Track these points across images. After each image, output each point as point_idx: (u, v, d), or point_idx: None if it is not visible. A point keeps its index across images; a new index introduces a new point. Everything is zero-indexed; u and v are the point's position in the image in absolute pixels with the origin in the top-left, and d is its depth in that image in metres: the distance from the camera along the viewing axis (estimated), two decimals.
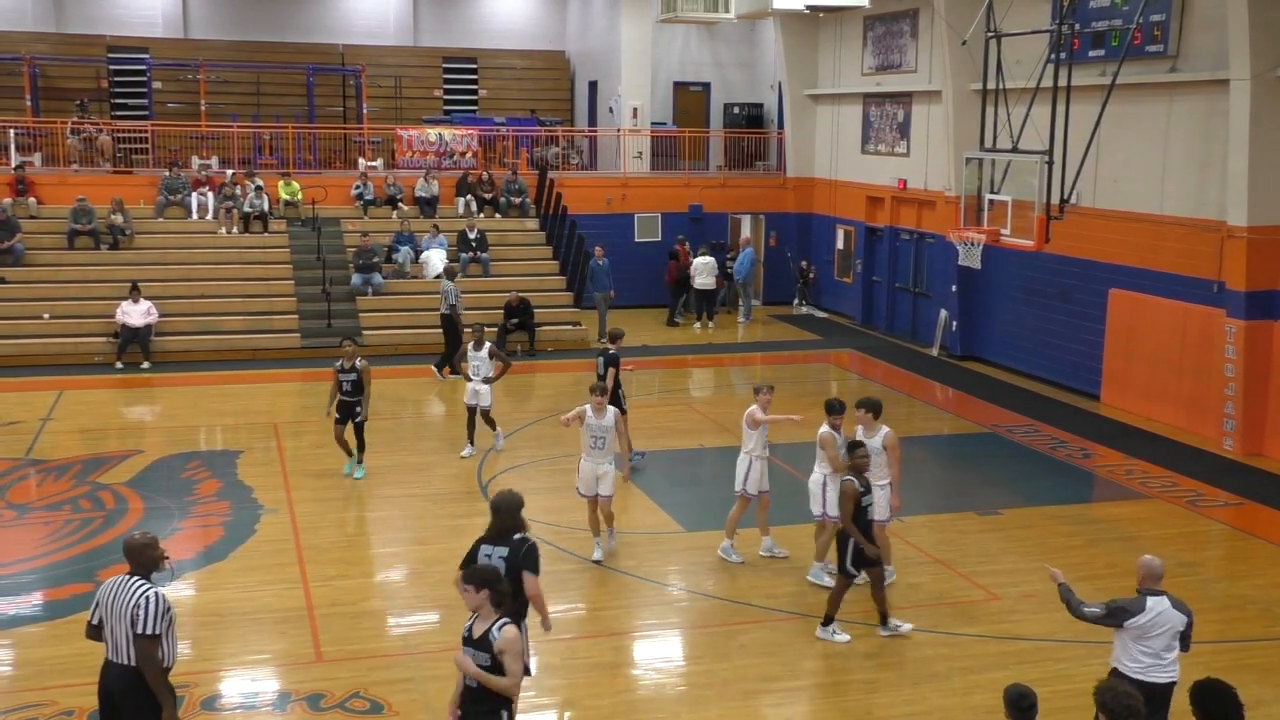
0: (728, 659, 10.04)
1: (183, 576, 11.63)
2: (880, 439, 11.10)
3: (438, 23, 34.43)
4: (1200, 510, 14.16)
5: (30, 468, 15.18)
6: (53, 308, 21.72)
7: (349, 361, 14.66)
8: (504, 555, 8.18)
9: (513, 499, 8.37)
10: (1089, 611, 7.74)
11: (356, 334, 16.67)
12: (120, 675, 7.07)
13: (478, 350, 15.86)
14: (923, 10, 23.58)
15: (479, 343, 15.89)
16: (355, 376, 14.59)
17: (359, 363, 14.67)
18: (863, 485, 10.21)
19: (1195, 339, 17.44)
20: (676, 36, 31.69)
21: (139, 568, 7.17)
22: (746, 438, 12.06)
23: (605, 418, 11.83)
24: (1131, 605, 7.64)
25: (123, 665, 7.06)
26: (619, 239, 26.65)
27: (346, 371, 14.66)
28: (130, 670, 7.04)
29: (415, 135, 27.50)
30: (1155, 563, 7.79)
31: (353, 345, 14.84)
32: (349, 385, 14.64)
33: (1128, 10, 18.24)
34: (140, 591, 7.03)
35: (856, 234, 26.86)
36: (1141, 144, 18.41)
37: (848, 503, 10.08)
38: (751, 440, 11.99)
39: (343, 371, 14.69)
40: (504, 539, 8.26)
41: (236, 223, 24.09)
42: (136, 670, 7.03)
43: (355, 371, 14.60)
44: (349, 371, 14.64)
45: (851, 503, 10.08)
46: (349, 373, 14.63)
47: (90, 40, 30.97)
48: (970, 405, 19.49)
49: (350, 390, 14.65)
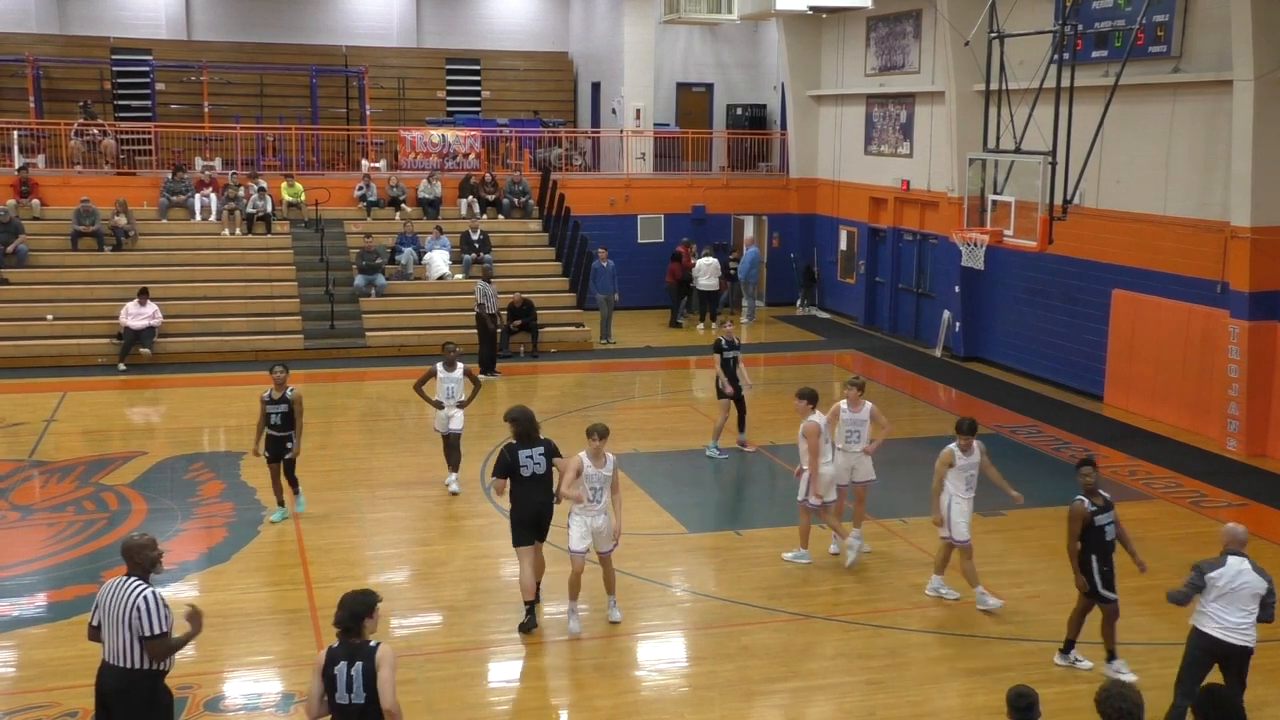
0: (731, 660, 10.04)
1: (186, 578, 11.65)
2: (867, 411, 12.29)
3: (441, 24, 34.44)
4: (1204, 511, 14.14)
5: (34, 469, 15.20)
6: (56, 309, 21.74)
7: (278, 390, 12.92)
8: (543, 453, 10.17)
9: (526, 410, 10.34)
10: (1182, 591, 8.32)
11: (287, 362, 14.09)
12: (115, 677, 7.04)
13: (450, 371, 14.28)
14: (925, 11, 23.58)
15: (451, 363, 14.30)
16: (286, 407, 12.90)
17: (290, 391, 12.96)
18: (1095, 505, 9.51)
19: (1198, 340, 17.42)
20: (679, 37, 31.69)
21: (136, 568, 7.13)
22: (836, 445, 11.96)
23: (605, 466, 10.31)
24: (1214, 562, 8.25)
25: (118, 668, 7.03)
26: (622, 240, 26.66)
27: (275, 402, 12.91)
28: (125, 673, 7.01)
29: (418, 136, 27.51)
30: (1239, 529, 8.41)
31: (283, 371, 13.11)
32: (278, 418, 12.91)
33: (1130, 11, 18.22)
34: (138, 593, 6.99)
35: (859, 235, 26.85)
36: (1145, 144, 18.39)
37: (1076, 523, 9.45)
38: (947, 481, 11.06)
39: (270, 402, 12.92)
40: (535, 441, 10.17)
41: (240, 224, 24.10)
42: (131, 672, 7.00)
43: (286, 402, 12.91)
44: (278, 402, 12.90)
45: (1080, 523, 9.44)
46: (278, 404, 12.90)
47: (93, 42, 30.99)
48: (973, 406, 19.46)
49: (280, 424, 12.92)
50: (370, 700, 6.50)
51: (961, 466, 10.96)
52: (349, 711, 6.51)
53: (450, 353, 14.39)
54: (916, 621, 10.80)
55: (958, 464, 10.96)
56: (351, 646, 6.57)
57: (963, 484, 11.00)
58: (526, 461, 10.10)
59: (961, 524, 10.98)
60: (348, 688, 6.49)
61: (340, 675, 6.50)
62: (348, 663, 6.51)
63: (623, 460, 15.29)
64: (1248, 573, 8.18)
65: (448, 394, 14.22)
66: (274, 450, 13.03)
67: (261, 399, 13.04)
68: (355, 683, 6.49)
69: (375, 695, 6.52)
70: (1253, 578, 8.18)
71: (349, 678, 6.49)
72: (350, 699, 6.49)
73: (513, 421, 10.24)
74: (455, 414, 14.24)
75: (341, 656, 6.54)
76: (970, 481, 11.02)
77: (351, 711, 6.51)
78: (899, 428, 18.44)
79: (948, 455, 11.02)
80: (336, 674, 6.50)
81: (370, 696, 6.51)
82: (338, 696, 6.49)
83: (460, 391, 14.30)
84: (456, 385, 14.27)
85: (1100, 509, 9.53)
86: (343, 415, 18.60)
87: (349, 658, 6.53)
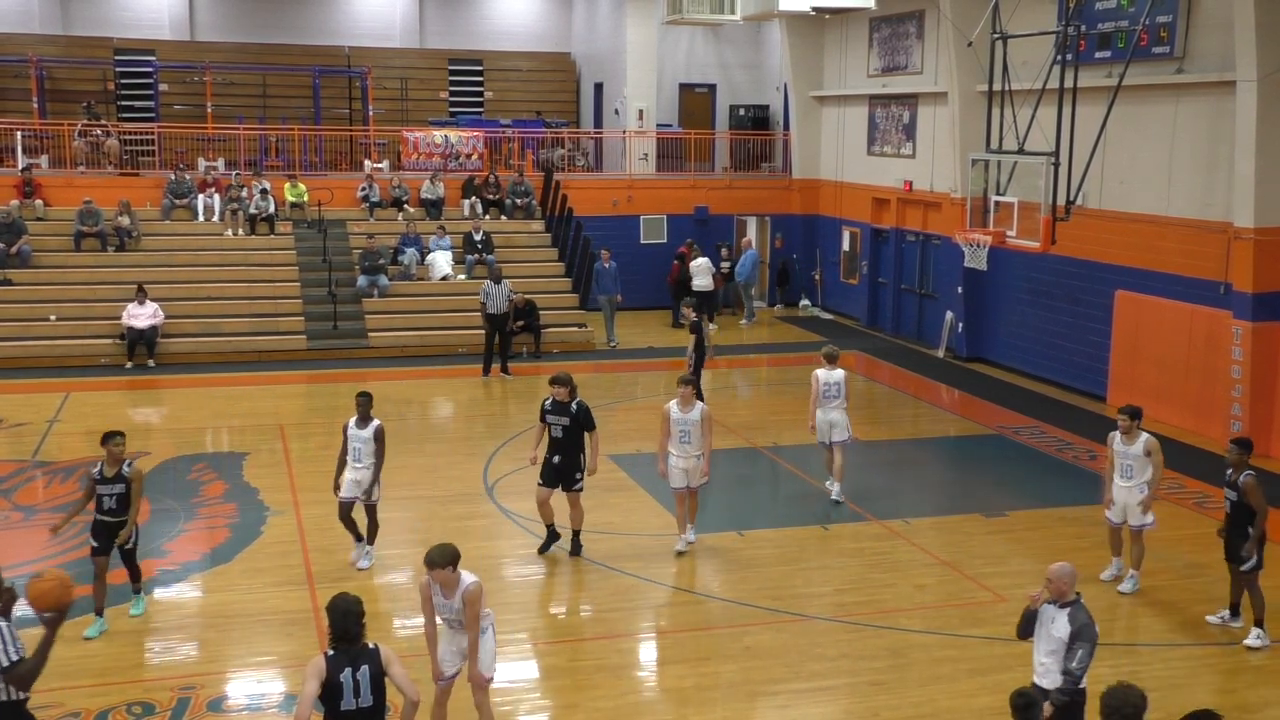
0: (734, 660, 10.04)
1: (188, 578, 11.68)
2: (842, 376, 13.91)
3: (443, 24, 34.45)
4: (1207, 512, 14.11)
5: (37, 469, 15.22)
6: (59, 309, 21.75)
7: (112, 466, 10.18)
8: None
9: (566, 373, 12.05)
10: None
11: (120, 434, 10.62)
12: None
13: (361, 428, 11.68)
14: (928, 12, 23.57)
15: (364, 418, 11.71)
16: (123, 488, 10.18)
17: (127, 468, 10.26)
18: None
19: (1201, 341, 17.41)
20: (682, 38, 31.68)
21: None
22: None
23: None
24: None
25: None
26: (625, 241, 26.65)
27: (109, 481, 10.17)
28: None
29: (421, 137, 27.51)
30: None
31: (121, 441, 10.33)
32: (112, 501, 10.16)
33: (1134, 12, 18.21)
34: None
35: (862, 235, 26.85)
36: (1148, 145, 18.38)
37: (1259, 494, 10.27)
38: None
39: (102, 481, 10.16)
40: (566, 410, 11.74)
41: (242, 225, 24.12)
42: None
43: (122, 480, 10.19)
44: (113, 481, 10.18)
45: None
46: (113, 483, 10.17)
47: (97, 42, 31.00)
48: (976, 407, 19.46)
49: (115, 507, 10.18)
50: (377, 702, 6.52)
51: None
52: (356, 716, 6.51)
53: (362, 406, 11.76)
54: (919, 622, 10.80)
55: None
56: (352, 652, 6.55)
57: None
58: (554, 422, 12.02)
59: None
60: (355, 693, 6.48)
61: (346, 682, 6.47)
62: (352, 668, 6.50)
63: (625, 461, 15.37)
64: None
65: (355, 454, 11.69)
66: (105, 540, 10.26)
67: (90, 477, 10.32)
68: (362, 687, 6.49)
69: (382, 697, 6.53)
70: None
71: (355, 683, 6.48)
72: (358, 704, 6.49)
73: (556, 383, 12.02)
74: (365, 479, 11.69)
75: (345, 664, 6.51)
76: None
77: (359, 716, 6.51)
78: (902, 429, 18.49)
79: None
80: (343, 681, 6.47)
81: (378, 699, 6.52)
82: (344, 704, 6.47)
83: (367, 455, 11.65)
84: (365, 445, 11.65)
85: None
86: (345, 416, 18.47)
87: (352, 664, 6.52)
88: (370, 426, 11.70)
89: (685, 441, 12.18)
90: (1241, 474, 10.30)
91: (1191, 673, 9.93)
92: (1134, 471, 11.37)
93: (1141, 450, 11.33)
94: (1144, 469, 11.32)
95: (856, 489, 14.50)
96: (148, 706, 9.05)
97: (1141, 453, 11.33)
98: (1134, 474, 11.37)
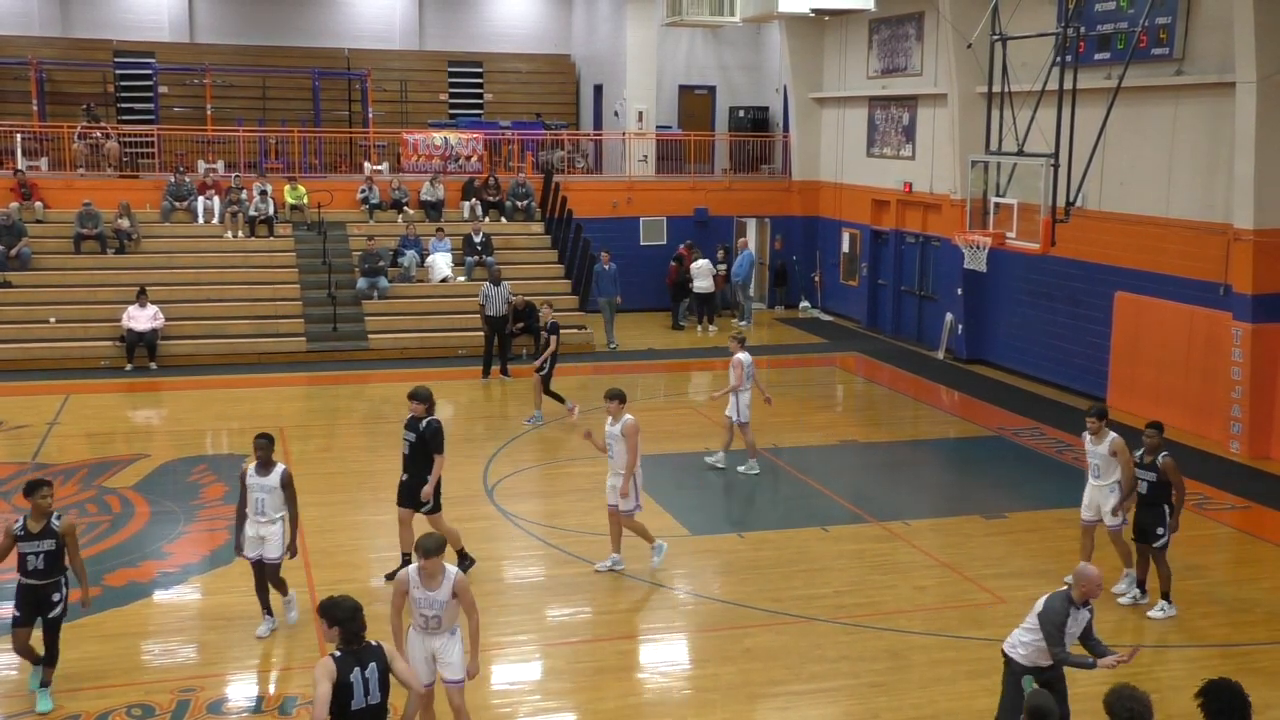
0: (734, 662, 10.03)
1: (188, 580, 11.67)
2: (621, 426, 11.66)
3: (443, 27, 34.47)
4: (1207, 514, 14.13)
5: (37, 472, 15.20)
6: (59, 312, 21.74)
7: (38, 521, 8.71)
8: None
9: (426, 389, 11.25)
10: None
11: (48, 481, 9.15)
12: None
13: (263, 474, 10.08)
14: (928, 13, 23.58)
15: (266, 463, 10.10)
16: (53, 544, 8.74)
17: (57, 521, 8.81)
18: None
19: (1201, 342, 17.41)
20: (682, 40, 31.69)
21: None
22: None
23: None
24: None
25: None
26: (624, 243, 26.65)
27: (33, 537, 8.71)
28: None
29: (421, 139, 27.52)
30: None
31: (48, 494, 8.79)
32: (39, 560, 8.72)
33: (1133, 13, 18.22)
34: None
35: (862, 237, 26.85)
36: (1147, 147, 18.39)
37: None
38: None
39: (25, 537, 8.72)
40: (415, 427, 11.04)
41: (242, 227, 24.12)
42: None
43: (53, 537, 8.74)
44: (41, 537, 8.71)
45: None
46: (41, 538, 8.71)
47: (96, 45, 31.01)
48: (976, 408, 19.46)
49: (42, 568, 8.74)
50: (384, 698, 6.71)
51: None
52: (365, 713, 6.64)
53: (262, 450, 10.09)
54: (919, 624, 10.79)
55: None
56: (358, 652, 6.68)
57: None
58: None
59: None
60: (365, 691, 6.62)
61: (357, 682, 6.60)
62: (360, 667, 6.63)
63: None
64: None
65: (256, 506, 10.12)
66: (29, 611, 8.80)
67: (10, 533, 8.80)
68: (371, 684, 6.64)
69: (387, 693, 6.72)
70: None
71: (364, 681, 6.62)
72: (367, 701, 6.63)
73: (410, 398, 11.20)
74: (269, 534, 10.17)
75: (353, 664, 6.63)
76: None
77: (368, 713, 6.65)
78: (901, 430, 18.49)
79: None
80: (353, 681, 6.58)
81: (384, 695, 6.71)
82: (354, 703, 6.59)
83: (272, 506, 10.12)
84: (270, 495, 10.11)
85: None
86: (345, 418, 18.63)
87: (360, 663, 6.64)
88: (274, 472, 10.10)
89: (610, 457, 11.78)
90: (1159, 455, 10.97)
91: (1193, 672, 9.92)
92: (1102, 471, 11.46)
93: (1107, 450, 11.41)
94: (1111, 469, 11.38)
95: (856, 490, 14.48)
96: (148, 709, 9.04)
97: (1108, 452, 11.40)
98: (1102, 474, 11.47)
